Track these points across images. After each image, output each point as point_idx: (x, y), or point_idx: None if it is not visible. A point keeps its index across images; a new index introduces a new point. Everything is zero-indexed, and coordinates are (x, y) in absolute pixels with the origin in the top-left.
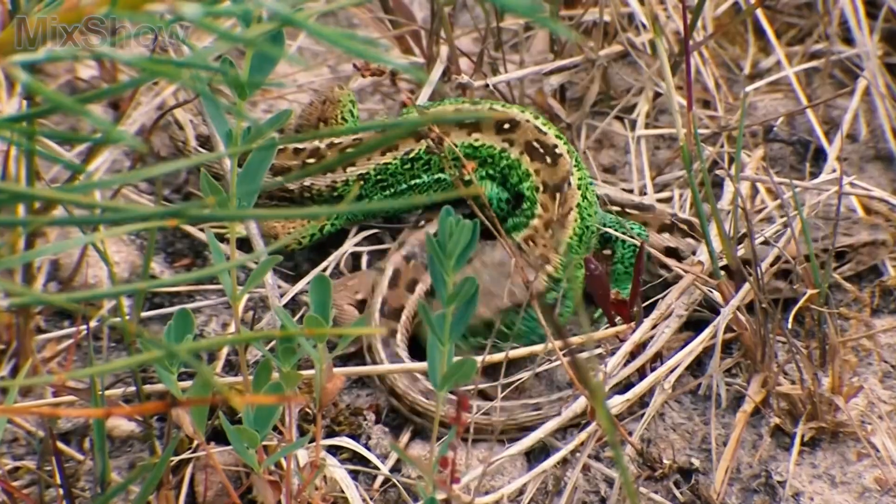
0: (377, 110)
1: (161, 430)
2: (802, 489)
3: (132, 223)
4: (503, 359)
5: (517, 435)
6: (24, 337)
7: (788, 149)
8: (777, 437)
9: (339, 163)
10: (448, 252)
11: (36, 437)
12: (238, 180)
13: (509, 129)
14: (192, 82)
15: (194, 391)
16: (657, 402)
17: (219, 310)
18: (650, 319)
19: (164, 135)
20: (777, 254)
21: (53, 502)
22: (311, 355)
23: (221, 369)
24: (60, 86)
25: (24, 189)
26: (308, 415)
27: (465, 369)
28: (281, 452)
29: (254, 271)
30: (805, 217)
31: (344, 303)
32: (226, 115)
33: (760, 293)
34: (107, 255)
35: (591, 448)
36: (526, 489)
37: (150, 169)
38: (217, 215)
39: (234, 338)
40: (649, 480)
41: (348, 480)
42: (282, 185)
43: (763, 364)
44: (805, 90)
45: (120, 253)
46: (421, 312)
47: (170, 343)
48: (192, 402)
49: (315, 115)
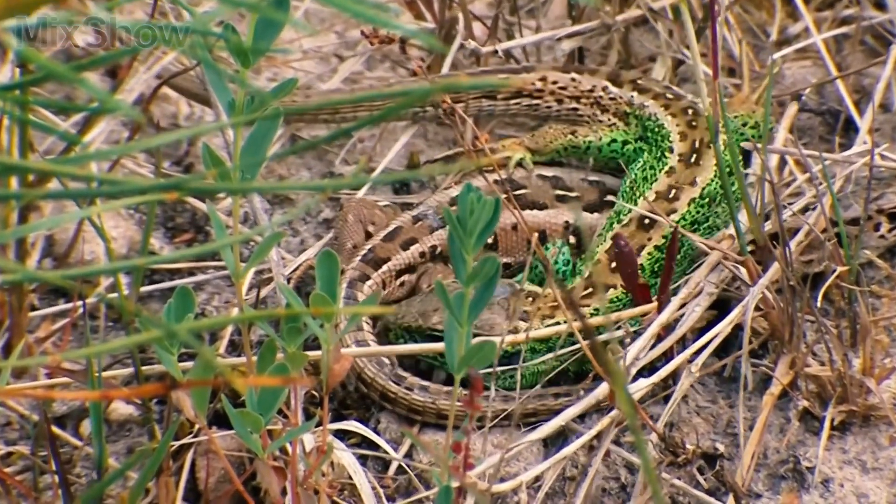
0: (387, 78)
1: (161, 413)
2: (832, 475)
3: (130, 196)
4: (524, 340)
5: (541, 421)
6: (18, 316)
7: (817, 119)
8: (806, 421)
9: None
10: (469, 229)
11: (30, 421)
12: (242, 152)
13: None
14: (193, 49)
15: (195, 373)
16: (684, 386)
17: (221, 287)
18: (678, 298)
19: (164, 104)
20: (806, 229)
21: (48, 489)
22: (317, 335)
23: (224, 350)
24: (55, 53)
25: (18, 161)
26: (314, 397)
27: (483, 352)
28: (286, 437)
29: (258, 246)
30: (835, 190)
31: (349, 214)
32: (228, 84)
33: (789, 270)
34: (104, 229)
35: (612, 433)
36: (544, 476)
37: (149, 140)
38: (219, 188)
39: (238, 317)
40: (672, 466)
41: (357, 466)
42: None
43: (791, 344)
44: (835, 58)
45: (118, 228)
46: (437, 291)
47: (170, 322)
48: (193, 384)
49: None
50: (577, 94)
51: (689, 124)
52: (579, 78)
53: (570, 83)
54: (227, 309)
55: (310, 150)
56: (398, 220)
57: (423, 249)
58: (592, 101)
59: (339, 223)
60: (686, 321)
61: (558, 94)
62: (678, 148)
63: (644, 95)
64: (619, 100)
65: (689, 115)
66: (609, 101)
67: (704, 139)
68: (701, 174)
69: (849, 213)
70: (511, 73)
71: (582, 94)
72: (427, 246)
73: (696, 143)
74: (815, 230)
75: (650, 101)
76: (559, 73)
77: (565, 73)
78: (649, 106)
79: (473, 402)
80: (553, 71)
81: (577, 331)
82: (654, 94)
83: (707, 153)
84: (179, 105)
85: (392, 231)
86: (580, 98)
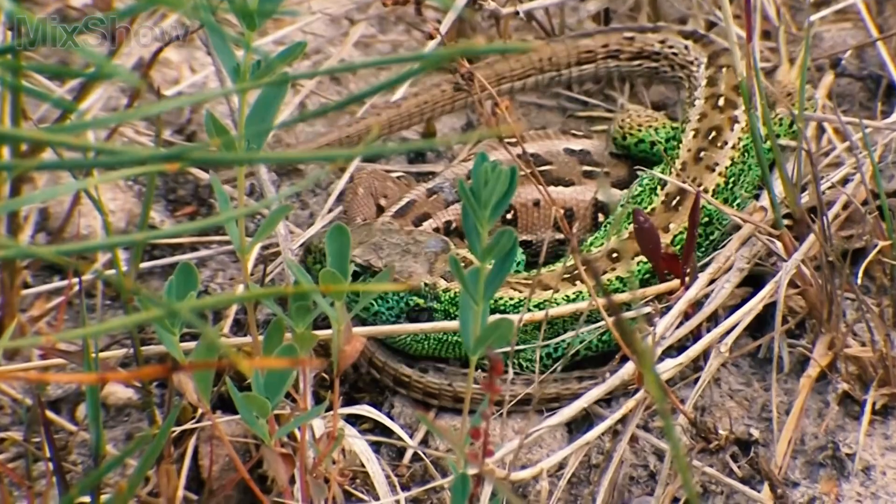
0: (401, 42)
1: (161, 397)
2: (873, 462)
3: (129, 167)
4: (543, 318)
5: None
6: (10, 294)
7: (857, 84)
8: (845, 405)
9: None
10: (483, 201)
11: (23, 406)
12: (247, 120)
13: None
14: (196, 11)
15: (198, 354)
16: (713, 367)
17: (225, 263)
18: (707, 274)
19: (164, 69)
20: (845, 200)
21: (42, 477)
22: (328, 314)
23: (229, 330)
24: (49, 14)
25: (9, 129)
26: (325, 380)
27: (501, 331)
28: (294, 422)
29: (265, 220)
30: (876, 160)
31: (359, 187)
32: (233, 48)
33: (827, 245)
34: (101, 202)
35: (640, 417)
36: (567, 463)
37: (149, 107)
38: (223, 158)
39: (243, 295)
40: (703, 453)
41: (369, 453)
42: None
43: (830, 324)
44: (875, 19)
45: (116, 200)
46: (452, 267)
47: (171, 300)
48: (195, 366)
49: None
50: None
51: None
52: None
53: (683, 50)
54: (232, 286)
55: (320, 117)
56: (412, 194)
57: (437, 225)
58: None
59: (348, 196)
60: (715, 298)
61: (671, 59)
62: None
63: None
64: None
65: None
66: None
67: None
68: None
69: (891, 185)
70: (637, 33)
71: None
72: (441, 221)
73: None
74: (856, 202)
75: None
76: (677, 38)
77: (683, 38)
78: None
79: (493, 384)
80: (674, 35)
81: (601, 307)
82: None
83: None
84: (181, 70)
85: (405, 205)
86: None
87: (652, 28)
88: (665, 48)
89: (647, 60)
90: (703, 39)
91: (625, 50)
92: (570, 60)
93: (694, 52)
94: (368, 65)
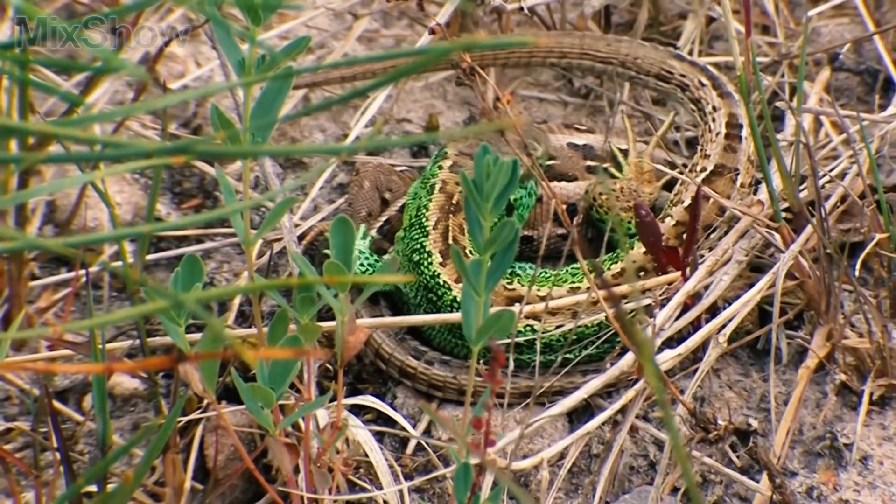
0: (404, 36)
1: (167, 387)
2: (871, 452)
3: (135, 160)
4: (544, 309)
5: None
6: (17, 285)
7: (855, 78)
8: (843, 396)
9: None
10: (485, 193)
11: (30, 396)
12: (252, 113)
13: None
14: (201, 5)
15: (204, 345)
16: (711, 357)
17: (230, 255)
18: (706, 266)
19: (170, 63)
20: (843, 193)
21: (49, 467)
22: (332, 305)
23: (233, 321)
24: (57, 9)
25: (18, 123)
26: (328, 371)
27: (502, 322)
28: (298, 412)
29: (269, 213)
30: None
31: (365, 181)
32: (238, 42)
33: (825, 237)
34: (107, 195)
35: (639, 408)
36: (567, 453)
37: (156, 100)
38: (228, 151)
39: (248, 286)
40: (703, 443)
41: (373, 443)
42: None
43: (828, 315)
44: (873, 14)
45: (122, 193)
46: (453, 257)
47: (177, 292)
48: (201, 356)
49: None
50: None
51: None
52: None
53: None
54: (237, 278)
55: (324, 111)
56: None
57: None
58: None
59: (353, 189)
60: (714, 290)
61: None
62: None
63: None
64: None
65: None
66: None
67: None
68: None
69: (890, 179)
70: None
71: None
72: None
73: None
74: (853, 195)
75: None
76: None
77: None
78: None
79: (495, 375)
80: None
81: (602, 300)
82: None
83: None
84: (187, 64)
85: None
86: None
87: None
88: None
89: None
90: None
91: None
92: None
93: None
94: (372, 59)
